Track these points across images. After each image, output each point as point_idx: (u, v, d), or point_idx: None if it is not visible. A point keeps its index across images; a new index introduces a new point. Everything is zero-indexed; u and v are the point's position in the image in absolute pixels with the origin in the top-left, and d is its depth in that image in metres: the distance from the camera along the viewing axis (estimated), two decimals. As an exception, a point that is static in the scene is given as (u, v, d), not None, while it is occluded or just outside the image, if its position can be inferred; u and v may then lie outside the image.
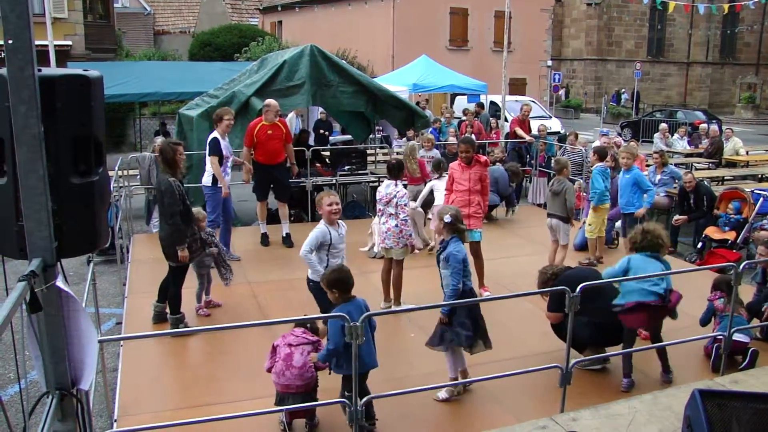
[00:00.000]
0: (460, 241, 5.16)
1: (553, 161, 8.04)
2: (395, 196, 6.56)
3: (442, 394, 5.07)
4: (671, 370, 5.39)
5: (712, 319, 5.92)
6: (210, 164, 8.18)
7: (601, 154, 8.59)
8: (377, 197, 6.89)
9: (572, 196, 7.88)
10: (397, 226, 6.56)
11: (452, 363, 5.14)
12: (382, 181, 7.13)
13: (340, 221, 5.57)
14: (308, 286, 5.52)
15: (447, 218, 5.12)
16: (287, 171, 9.35)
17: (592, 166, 8.76)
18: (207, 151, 8.24)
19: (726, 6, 22.20)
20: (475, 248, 7.11)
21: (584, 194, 9.49)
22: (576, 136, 12.49)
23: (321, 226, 5.43)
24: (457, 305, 5.11)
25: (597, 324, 5.22)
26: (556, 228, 7.93)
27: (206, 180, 8.28)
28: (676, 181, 10.85)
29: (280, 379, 4.45)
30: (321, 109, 14.94)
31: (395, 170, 6.74)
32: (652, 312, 5.18)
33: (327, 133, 15.46)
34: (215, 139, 8.22)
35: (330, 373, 4.55)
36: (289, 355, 4.46)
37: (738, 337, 5.45)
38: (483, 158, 7.38)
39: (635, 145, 8.37)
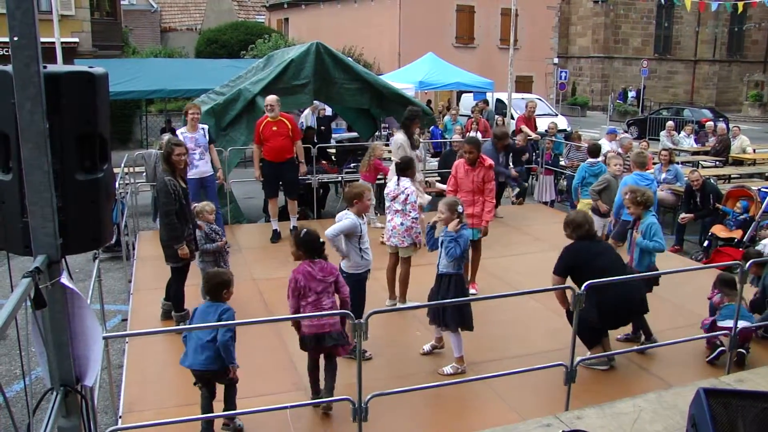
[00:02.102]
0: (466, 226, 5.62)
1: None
2: (402, 192, 6.57)
3: (448, 369, 5.45)
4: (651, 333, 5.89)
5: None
6: None
7: (591, 151, 9.23)
8: (385, 193, 6.90)
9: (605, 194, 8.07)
10: (402, 224, 6.55)
11: (457, 343, 5.46)
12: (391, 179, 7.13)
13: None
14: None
15: (460, 208, 5.52)
16: (295, 168, 9.36)
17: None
18: None
19: (741, 4, 21.94)
20: (476, 244, 7.11)
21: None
22: (579, 136, 12.47)
23: (353, 217, 5.53)
24: (462, 302, 5.18)
25: (607, 303, 5.17)
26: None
27: None
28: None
29: (313, 322, 4.57)
30: (321, 106, 14.88)
31: (404, 168, 6.74)
32: None
33: (323, 128, 15.34)
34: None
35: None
36: (317, 300, 4.61)
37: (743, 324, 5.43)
38: (488, 161, 7.25)
39: (642, 152, 8.31)
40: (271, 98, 9.03)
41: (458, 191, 7.10)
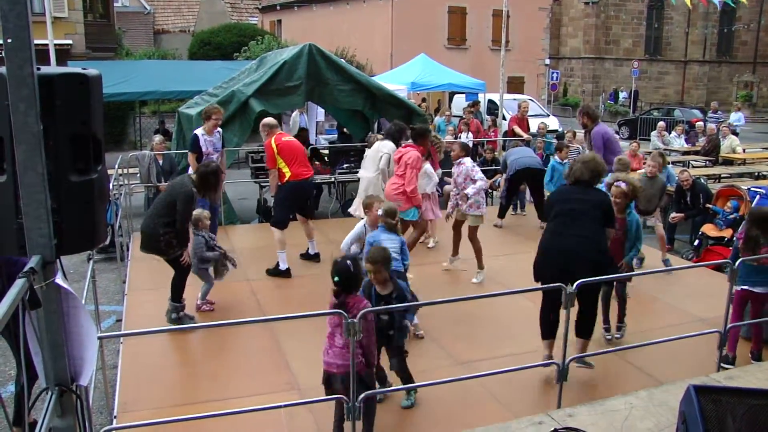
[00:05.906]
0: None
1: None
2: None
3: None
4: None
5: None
6: (189, 160, 8.47)
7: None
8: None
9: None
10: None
11: None
12: None
13: None
14: None
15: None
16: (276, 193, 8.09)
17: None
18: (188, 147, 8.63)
19: (745, 0, 22.07)
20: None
21: None
22: (574, 134, 12.52)
23: (362, 226, 5.94)
24: (456, 301, 5.23)
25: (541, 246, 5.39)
26: None
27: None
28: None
29: (324, 357, 4.40)
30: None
31: (466, 150, 7.82)
32: None
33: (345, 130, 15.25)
34: (195, 136, 8.43)
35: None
36: (331, 335, 4.38)
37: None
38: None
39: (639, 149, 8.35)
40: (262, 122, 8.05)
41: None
